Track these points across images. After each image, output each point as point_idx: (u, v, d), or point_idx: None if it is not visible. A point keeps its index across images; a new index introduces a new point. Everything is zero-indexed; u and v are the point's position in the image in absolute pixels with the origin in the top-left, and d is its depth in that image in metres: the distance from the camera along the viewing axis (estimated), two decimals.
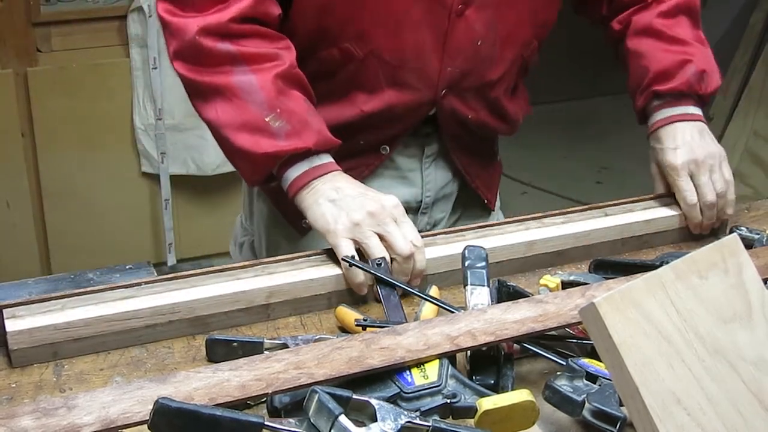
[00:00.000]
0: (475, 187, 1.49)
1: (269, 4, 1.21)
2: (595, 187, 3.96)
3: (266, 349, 0.99)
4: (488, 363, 0.98)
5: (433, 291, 1.10)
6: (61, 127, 2.90)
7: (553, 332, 1.00)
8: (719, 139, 4.03)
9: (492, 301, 1.04)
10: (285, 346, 0.99)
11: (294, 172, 1.18)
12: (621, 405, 0.86)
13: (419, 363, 0.92)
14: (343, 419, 0.77)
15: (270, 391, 0.86)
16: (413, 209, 1.44)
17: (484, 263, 1.07)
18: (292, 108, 1.17)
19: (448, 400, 0.87)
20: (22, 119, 2.86)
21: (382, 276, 1.07)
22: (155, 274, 1.23)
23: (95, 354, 1.03)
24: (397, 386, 0.89)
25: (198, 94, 1.21)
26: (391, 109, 1.32)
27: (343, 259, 1.10)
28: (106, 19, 2.91)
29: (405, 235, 1.12)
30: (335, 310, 1.10)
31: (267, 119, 1.15)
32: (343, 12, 1.25)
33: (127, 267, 1.26)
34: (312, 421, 0.78)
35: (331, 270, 1.13)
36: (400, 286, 1.08)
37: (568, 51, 4.42)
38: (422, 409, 0.86)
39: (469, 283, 1.05)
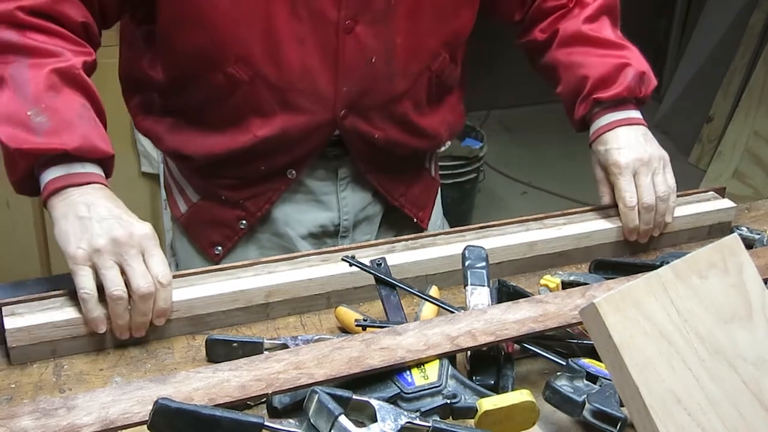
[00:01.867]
0: (400, 206, 1.44)
1: (68, 6, 1.13)
2: (596, 187, 3.96)
3: (266, 349, 0.99)
4: (488, 363, 0.98)
5: (433, 291, 1.10)
6: None
7: (553, 332, 1.00)
8: (719, 138, 4.04)
9: (492, 301, 1.04)
10: (285, 346, 0.99)
11: (49, 175, 1.06)
12: (621, 405, 0.86)
13: (419, 363, 0.92)
14: (343, 419, 0.77)
15: (270, 392, 0.86)
16: (331, 233, 1.40)
17: (484, 263, 1.07)
18: (57, 106, 1.07)
19: (448, 401, 0.87)
20: None
21: (382, 276, 1.07)
22: None
23: (95, 354, 1.03)
24: (397, 386, 0.89)
25: None
26: (286, 133, 1.26)
27: (343, 259, 1.10)
28: None
29: (148, 271, 1.01)
30: (335, 310, 1.10)
31: (29, 113, 1.05)
32: (219, 34, 1.19)
33: None
34: (312, 421, 0.78)
35: (330, 270, 1.13)
36: (400, 287, 1.07)
37: None
38: (422, 409, 0.86)
39: (469, 283, 1.05)
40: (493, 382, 0.96)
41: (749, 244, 1.25)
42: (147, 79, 1.30)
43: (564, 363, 0.95)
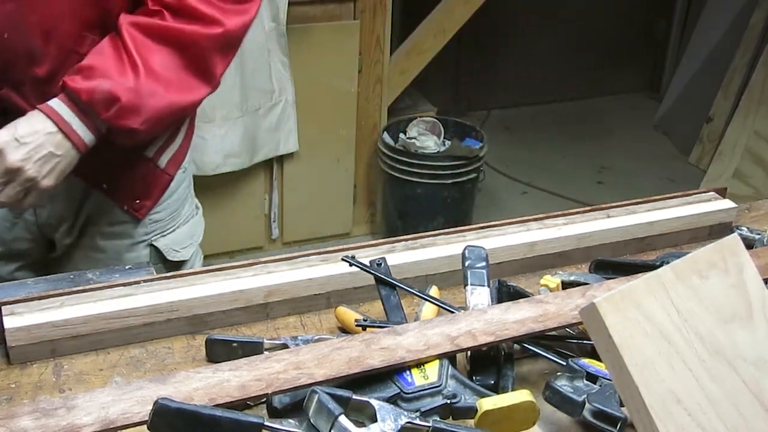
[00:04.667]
0: (105, 192, 1.39)
1: None
2: (596, 187, 3.95)
3: (266, 349, 0.99)
4: (488, 363, 0.98)
5: (433, 291, 1.10)
6: None
7: (553, 332, 1.00)
8: (719, 138, 4.04)
9: (492, 301, 1.04)
10: (285, 346, 0.99)
11: None
12: (621, 405, 0.86)
13: (419, 363, 0.92)
14: (343, 419, 0.77)
15: (270, 392, 0.86)
16: None
17: (484, 263, 1.07)
18: None
19: (448, 401, 0.87)
20: None
21: (382, 276, 1.07)
22: (155, 274, 1.23)
23: (95, 354, 1.03)
24: (397, 386, 0.89)
25: None
26: None
27: (343, 259, 1.10)
28: None
29: None
30: (335, 310, 1.10)
31: None
32: None
33: (127, 267, 1.26)
34: (312, 421, 0.78)
35: (330, 270, 1.13)
36: (400, 287, 1.07)
37: (568, 51, 4.42)
38: (422, 409, 0.86)
39: (469, 283, 1.05)
40: (493, 382, 0.96)
41: (749, 244, 1.25)
42: None
43: (564, 363, 0.95)
